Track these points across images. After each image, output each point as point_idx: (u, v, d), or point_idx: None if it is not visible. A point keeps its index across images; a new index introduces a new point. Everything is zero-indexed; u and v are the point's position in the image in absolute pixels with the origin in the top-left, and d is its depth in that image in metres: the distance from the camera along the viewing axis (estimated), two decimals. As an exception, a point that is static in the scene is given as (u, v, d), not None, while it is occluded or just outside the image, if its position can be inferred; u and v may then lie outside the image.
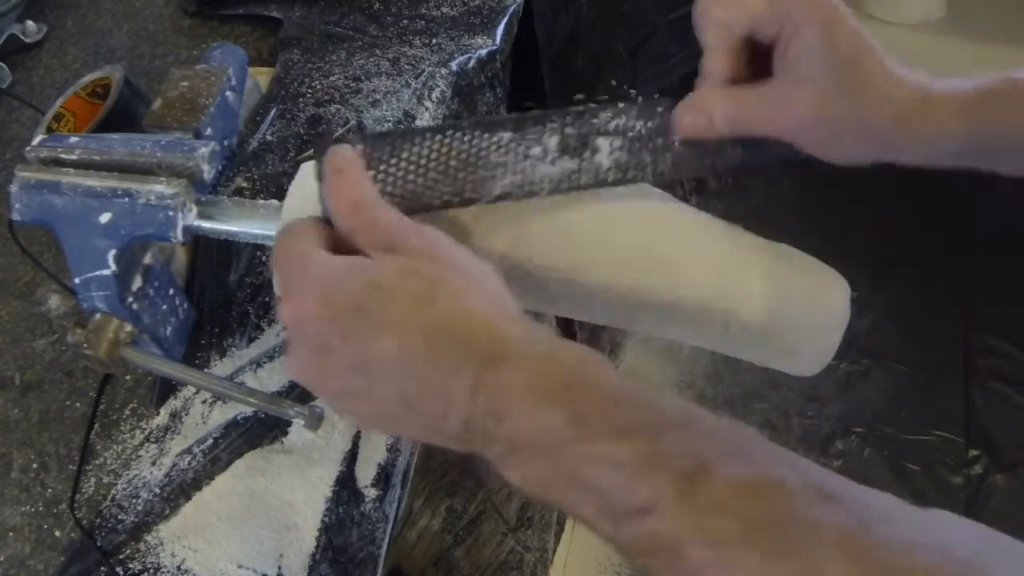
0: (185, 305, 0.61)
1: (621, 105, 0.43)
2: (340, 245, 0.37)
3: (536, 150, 0.42)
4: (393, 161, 0.41)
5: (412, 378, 0.33)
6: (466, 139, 0.41)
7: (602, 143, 0.42)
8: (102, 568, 0.54)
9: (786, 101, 0.40)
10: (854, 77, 0.38)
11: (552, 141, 0.42)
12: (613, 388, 0.32)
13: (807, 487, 0.29)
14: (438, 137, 0.41)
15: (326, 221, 0.39)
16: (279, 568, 0.54)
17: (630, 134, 0.43)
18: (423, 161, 0.41)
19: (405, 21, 0.80)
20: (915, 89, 0.39)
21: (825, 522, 0.28)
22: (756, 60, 0.42)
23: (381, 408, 0.34)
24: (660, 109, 0.43)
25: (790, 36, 0.39)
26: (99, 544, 0.55)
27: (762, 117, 0.41)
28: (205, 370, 0.62)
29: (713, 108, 0.42)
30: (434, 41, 0.77)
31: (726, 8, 0.41)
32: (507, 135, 0.42)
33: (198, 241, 0.64)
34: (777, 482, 0.29)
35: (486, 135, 0.42)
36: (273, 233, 0.50)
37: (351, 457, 0.58)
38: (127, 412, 0.61)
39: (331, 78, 0.74)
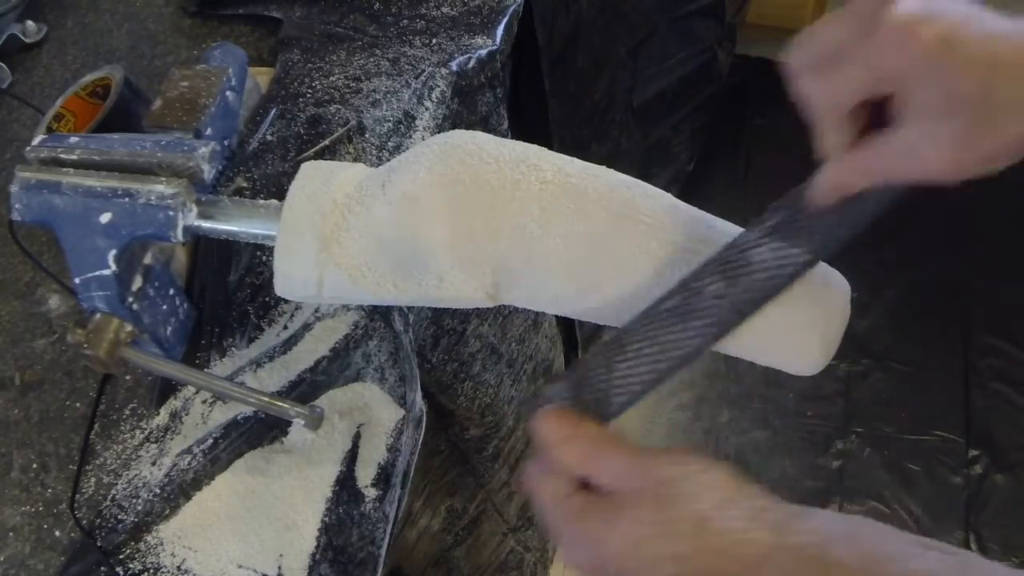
0: (185, 305, 0.61)
1: (763, 218, 0.45)
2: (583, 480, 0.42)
3: (700, 301, 0.44)
4: (594, 372, 0.44)
5: None
6: (641, 327, 0.44)
7: (756, 254, 0.44)
8: (102, 568, 0.54)
9: (921, 150, 0.37)
10: (986, 107, 0.35)
11: (721, 283, 0.44)
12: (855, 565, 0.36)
13: None
14: (632, 347, 0.44)
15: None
16: (279, 568, 0.54)
17: (783, 234, 0.44)
18: (625, 370, 0.44)
19: (405, 21, 0.80)
20: None
21: None
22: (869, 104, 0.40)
23: None
24: (795, 199, 0.44)
25: (906, 95, 0.37)
26: (99, 544, 0.55)
27: (899, 171, 0.39)
28: (205, 370, 0.62)
29: (845, 179, 0.41)
30: (434, 41, 0.77)
31: (827, 87, 0.39)
32: (673, 302, 0.44)
33: (198, 241, 0.64)
34: None
35: (655, 313, 0.44)
36: (274, 233, 0.50)
37: (351, 457, 0.58)
38: (127, 412, 0.61)
39: (331, 78, 0.74)
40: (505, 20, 0.79)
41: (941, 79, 0.35)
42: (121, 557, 0.55)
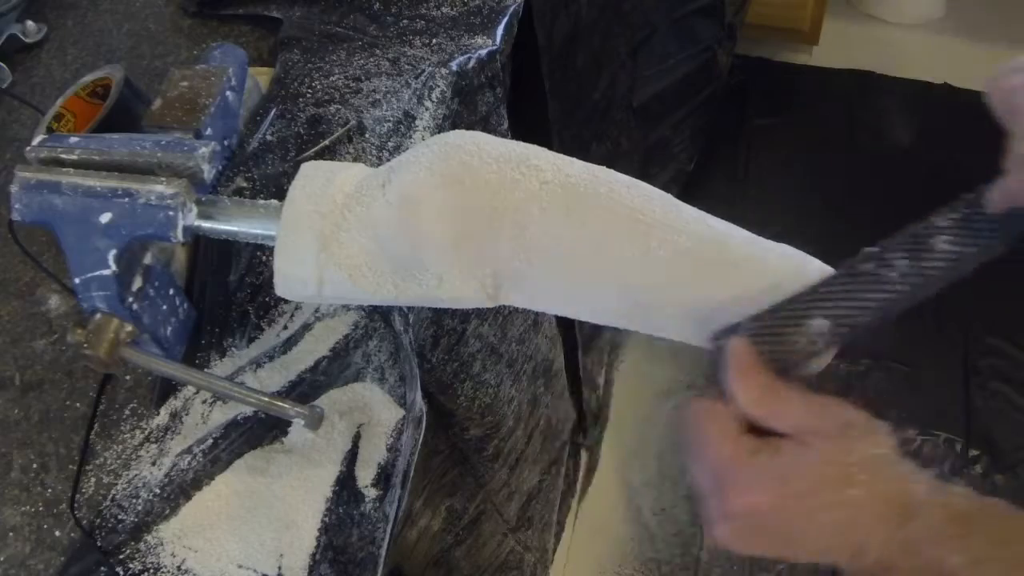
0: (185, 305, 0.61)
1: (950, 206, 0.46)
2: (750, 425, 0.42)
3: (889, 272, 0.45)
4: (778, 332, 0.44)
5: (840, 539, 0.40)
6: (834, 282, 0.45)
7: (939, 241, 0.46)
8: (102, 568, 0.54)
9: None
10: None
11: (903, 263, 0.45)
12: (1000, 529, 0.39)
13: None
14: (815, 291, 0.44)
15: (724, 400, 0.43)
16: (279, 568, 0.54)
17: (959, 226, 0.46)
18: (800, 323, 0.44)
19: (405, 21, 0.80)
20: None
21: None
22: None
23: (803, 555, 0.41)
24: (979, 196, 0.45)
25: None
26: (99, 544, 0.55)
27: None
28: (205, 370, 0.62)
29: (1015, 190, 0.43)
30: (434, 41, 0.77)
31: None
32: (866, 266, 0.44)
33: (198, 241, 0.64)
34: None
35: (850, 274, 0.45)
36: (273, 233, 0.50)
37: (351, 457, 0.58)
38: (127, 412, 0.61)
39: (331, 78, 0.74)
40: (505, 20, 0.78)
41: None
42: (121, 557, 0.55)
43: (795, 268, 0.47)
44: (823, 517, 0.40)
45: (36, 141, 0.54)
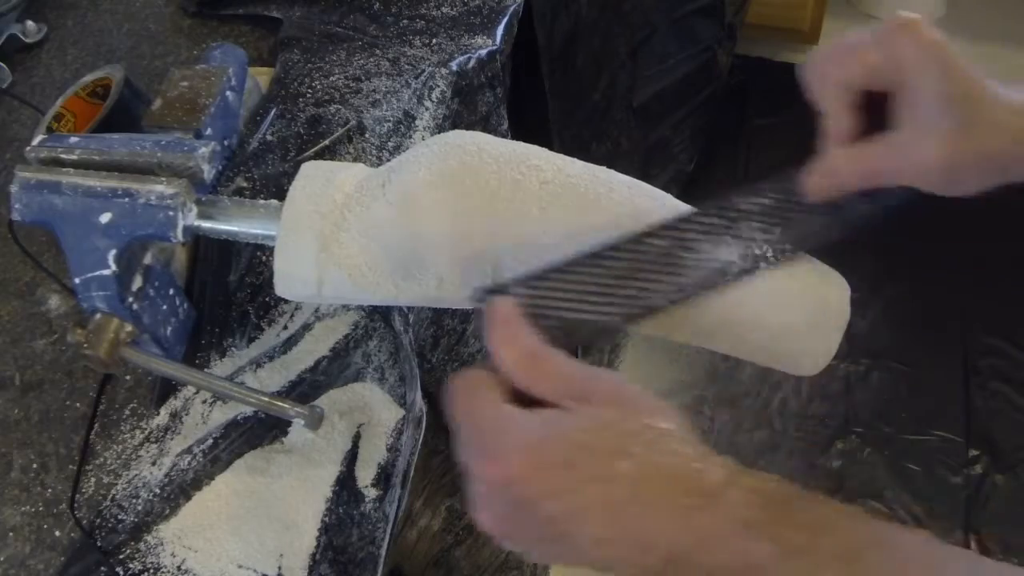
0: (185, 305, 0.61)
1: (757, 188, 0.44)
2: (518, 394, 0.38)
3: (691, 256, 0.42)
4: (551, 294, 0.41)
5: (615, 524, 0.34)
6: (620, 257, 0.42)
7: (750, 230, 0.43)
8: (102, 568, 0.54)
9: (912, 150, 0.40)
10: (972, 114, 0.39)
11: (705, 244, 0.42)
12: (816, 517, 0.34)
13: None
14: (593, 261, 0.41)
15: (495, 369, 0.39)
16: (279, 568, 0.54)
17: (771, 214, 0.44)
18: (581, 287, 0.41)
19: (405, 21, 0.80)
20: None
21: None
22: (870, 110, 0.43)
23: (576, 552, 0.35)
24: (789, 182, 0.44)
25: (906, 84, 0.40)
26: (99, 544, 0.55)
27: (890, 170, 0.41)
28: (205, 370, 0.62)
29: (841, 169, 0.43)
30: (434, 41, 0.77)
31: (842, 66, 0.42)
32: (660, 243, 0.42)
33: (198, 241, 0.64)
34: None
35: (638, 249, 0.42)
36: (274, 233, 0.50)
37: (351, 457, 0.58)
38: (127, 412, 0.61)
39: (331, 78, 0.74)
40: (505, 20, 0.78)
41: (938, 73, 0.39)
42: (121, 557, 0.55)
43: (797, 267, 0.47)
44: (591, 494, 0.34)
45: (36, 141, 0.54)
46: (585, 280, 0.41)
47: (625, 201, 0.46)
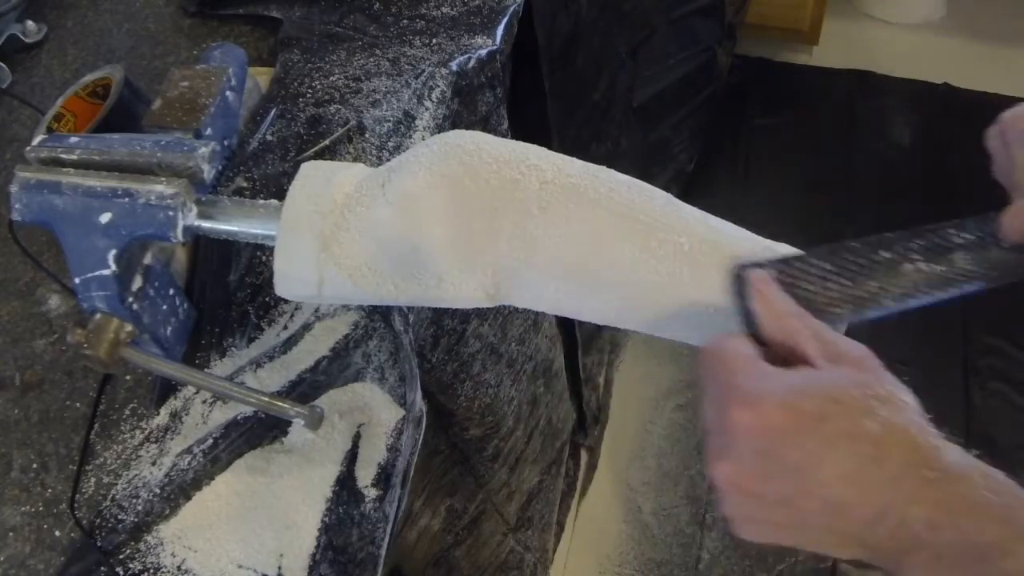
0: (185, 305, 0.61)
1: (962, 223, 0.47)
2: (770, 357, 0.40)
3: (908, 266, 0.45)
4: (796, 277, 0.44)
5: (855, 483, 0.35)
6: (853, 258, 0.45)
7: (958, 256, 0.46)
8: (102, 568, 0.54)
9: None
10: None
11: (922, 261, 0.45)
12: None
13: None
14: (831, 257, 0.45)
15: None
16: (279, 568, 0.54)
17: (975, 246, 0.47)
18: (821, 275, 0.44)
19: (405, 21, 0.80)
20: None
21: None
22: None
23: (801, 516, 0.36)
24: (992, 221, 0.47)
25: None
26: (99, 544, 0.55)
27: None
28: (205, 370, 0.62)
29: None
30: (434, 41, 0.77)
31: None
32: (886, 255, 0.45)
33: (198, 241, 0.64)
34: None
35: (869, 255, 0.45)
36: (274, 233, 0.50)
37: (351, 457, 0.58)
38: (127, 412, 0.61)
39: (331, 78, 0.74)
40: (505, 20, 0.79)
41: None
42: (121, 557, 0.55)
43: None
44: (839, 447, 0.35)
45: (36, 141, 0.54)
46: (824, 269, 0.44)
47: (625, 201, 0.46)
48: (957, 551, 0.34)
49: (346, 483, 0.57)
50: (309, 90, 0.73)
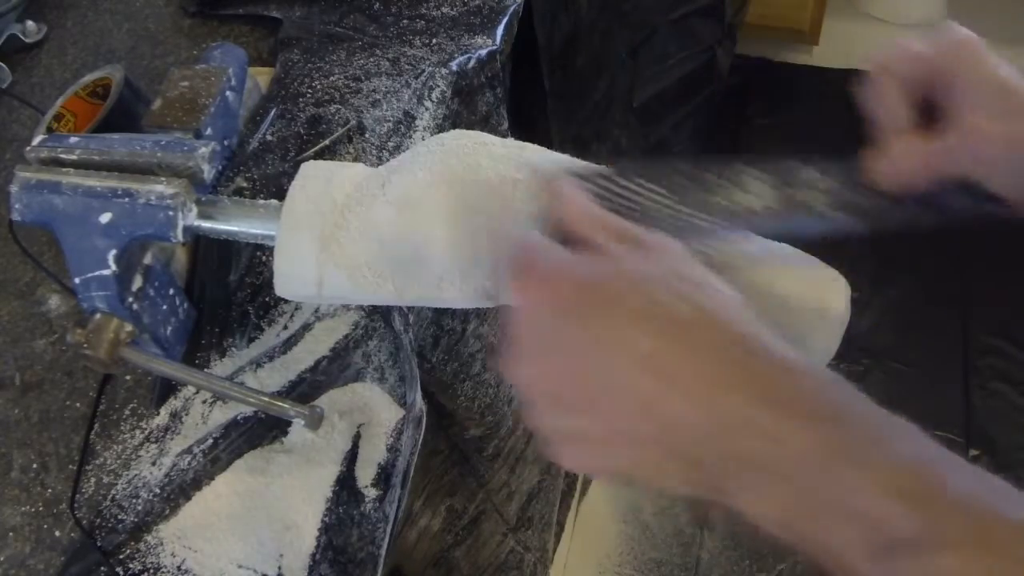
0: (185, 305, 0.61)
1: (815, 162, 0.46)
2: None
3: (739, 194, 0.44)
4: (609, 190, 0.43)
5: (661, 373, 0.32)
6: (674, 179, 0.43)
7: (806, 194, 0.45)
8: (102, 568, 0.54)
9: (971, 138, 0.41)
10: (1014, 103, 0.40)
11: (756, 184, 0.44)
12: (883, 417, 0.32)
13: None
14: (648, 176, 0.43)
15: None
16: (279, 568, 0.54)
17: (830, 186, 0.45)
18: (638, 192, 0.43)
19: (405, 21, 0.80)
20: None
21: None
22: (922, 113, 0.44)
23: (611, 422, 0.33)
24: (855, 164, 0.45)
25: (956, 80, 0.42)
26: (99, 544, 0.55)
27: (951, 159, 0.42)
28: (205, 370, 0.62)
29: (906, 158, 0.44)
30: (434, 41, 0.77)
31: (902, 64, 0.44)
32: (717, 179, 0.44)
33: (198, 241, 0.64)
34: None
35: (696, 177, 0.44)
36: (274, 233, 0.50)
37: (351, 457, 0.58)
38: (127, 412, 0.61)
39: (331, 78, 0.74)
40: (505, 20, 0.79)
41: (983, 67, 0.41)
42: (121, 557, 0.55)
43: (797, 267, 0.47)
44: (639, 329, 0.32)
45: (36, 141, 0.54)
46: (643, 188, 0.43)
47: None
48: (795, 460, 0.31)
49: (346, 483, 0.57)
50: (309, 90, 0.73)
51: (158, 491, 0.57)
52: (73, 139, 0.54)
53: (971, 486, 0.30)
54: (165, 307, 0.58)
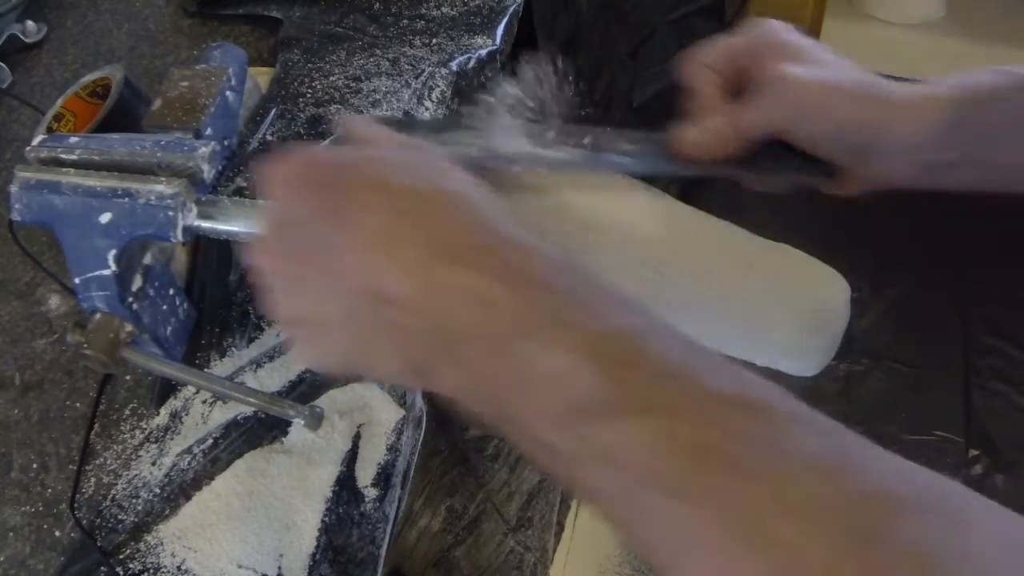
0: (185, 305, 0.61)
1: (629, 132, 0.48)
2: None
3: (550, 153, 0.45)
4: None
5: (383, 244, 0.31)
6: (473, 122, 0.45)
7: (613, 158, 0.46)
8: (102, 568, 0.54)
9: (780, 87, 0.45)
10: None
11: (566, 149, 0.45)
12: (612, 296, 0.31)
13: (794, 415, 0.29)
14: (447, 134, 0.44)
15: None
16: (279, 568, 0.54)
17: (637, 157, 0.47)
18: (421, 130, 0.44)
19: (405, 21, 0.80)
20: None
21: (809, 448, 0.27)
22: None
23: (338, 295, 0.32)
24: (662, 135, 0.48)
25: (765, 54, 0.47)
26: (99, 544, 0.55)
27: (766, 118, 0.46)
28: (205, 370, 0.62)
29: (713, 123, 0.47)
30: (434, 41, 0.77)
31: (715, 55, 0.48)
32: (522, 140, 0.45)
33: (198, 241, 0.64)
34: (764, 405, 0.28)
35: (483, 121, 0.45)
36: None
37: (351, 457, 0.58)
38: (127, 412, 0.61)
39: (331, 78, 0.74)
40: (505, 20, 0.79)
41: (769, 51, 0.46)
42: (121, 557, 0.55)
43: (797, 267, 0.47)
44: (359, 201, 0.31)
45: (36, 141, 0.54)
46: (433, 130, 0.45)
47: (621, 199, 0.46)
48: (502, 328, 0.29)
49: (346, 483, 0.57)
50: (309, 90, 0.73)
51: (158, 491, 0.57)
52: (73, 139, 0.54)
53: (679, 358, 0.29)
54: (165, 307, 0.58)
